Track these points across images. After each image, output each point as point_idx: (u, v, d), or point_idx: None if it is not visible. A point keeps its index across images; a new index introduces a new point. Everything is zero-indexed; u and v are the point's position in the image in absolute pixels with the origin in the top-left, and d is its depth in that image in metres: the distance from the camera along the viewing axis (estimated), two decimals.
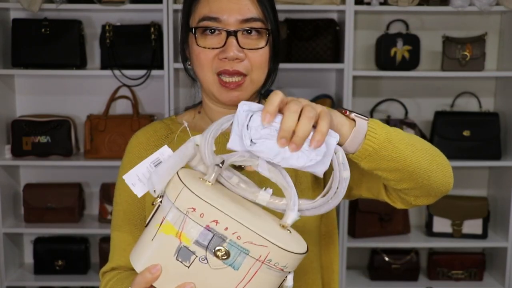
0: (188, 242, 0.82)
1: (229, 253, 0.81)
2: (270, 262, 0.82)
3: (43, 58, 2.75)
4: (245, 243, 0.81)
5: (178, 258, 0.83)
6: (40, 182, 2.99)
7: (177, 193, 0.83)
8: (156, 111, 2.95)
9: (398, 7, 2.73)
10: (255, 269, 0.82)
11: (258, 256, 0.81)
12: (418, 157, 0.98)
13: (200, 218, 0.81)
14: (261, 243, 0.81)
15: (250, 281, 0.82)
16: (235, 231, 0.81)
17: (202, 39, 1.10)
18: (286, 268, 0.84)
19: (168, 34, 2.71)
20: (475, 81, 3.01)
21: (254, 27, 1.09)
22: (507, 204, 2.87)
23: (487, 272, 3.04)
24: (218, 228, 0.81)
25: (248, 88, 1.12)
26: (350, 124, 0.92)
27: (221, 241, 0.81)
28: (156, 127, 1.22)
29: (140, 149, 1.20)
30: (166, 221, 0.84)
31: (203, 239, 0.81)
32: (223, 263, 0.81)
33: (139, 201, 1.18)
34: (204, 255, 0.82)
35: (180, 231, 0.82)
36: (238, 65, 1.09)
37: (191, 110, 1.26)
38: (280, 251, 0.81)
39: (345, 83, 2.75)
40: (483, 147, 2.84)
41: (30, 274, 2.95)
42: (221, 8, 1.08)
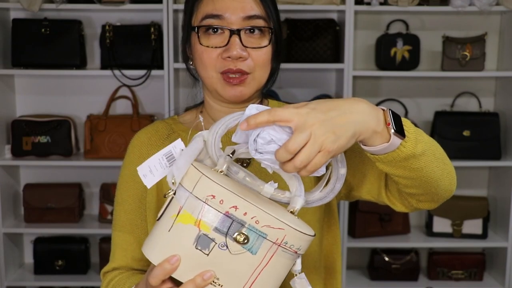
0: (208, 229, 0.83)
1: (248, 238, 0.83)
2: (286, 245, 0.84)
3: (43, 58, 2.75)
4: (263, 227, 0.83)
5: (198, 246, 0.84)
6: (40, 182, 2.99)
7: (195, 182, 0.84)
8: (156, 111, 2.95)
9: (398, 7, 2.73)
10: (272, 253, 0.84)
11: (275, 239, 0.83)
12: (434, 167, 0.99)
13: (220, 205, 0.83)
14: (279, 225, 0.83)
15: (267, 265, 0.84)
16: (254, 215, 0.83)
17: (205, 38, 1.10)
18: (299, 251, 0.86)
19: (168, 34, 2.71)
20: (475, 81, 3.01)
21: (257, 25, 1.10)
22: (507, 204, 2.87)
23: (487, 272, 3.04)
24: (238, 213, 0.83)
25: (251, 84, 1.12)
26: (382, 137, 0.89)
27: (240, 227, 0.83)
28: (158, 127, 1.22)
29: (141, 148, 1.20)
30: (183, 210, 0.85)
31: (222, 225, 0.83)
32: (242, 248, 0.83)
33: (140, 201, 1.18)
34: (224, 242, 0.83)
35: (199, 219, 0.83)
36: (241, 64, 1.09)
37: (193, 110, 1.26)
38: (296, 233, 0.84)
39: (345, 83, 2.75)
40: (483, 147, 2.84)
41: (30, 274, 2.95)
42: (224, 6, 1.09)
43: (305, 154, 0.80)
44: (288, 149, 0.80)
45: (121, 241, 1.19)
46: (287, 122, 0.81)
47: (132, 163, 1.19)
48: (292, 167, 0.81)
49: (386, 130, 0.89)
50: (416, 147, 0.93)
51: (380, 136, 0.89)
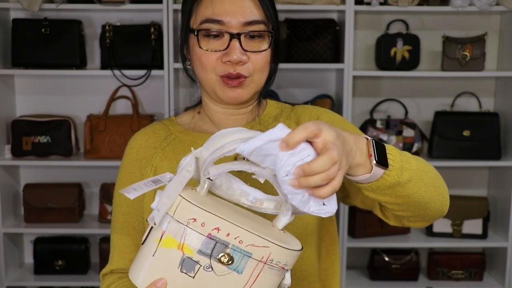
0: (191, 252, 0.83)
1: (233, 258, 0.82)
2: (272, 262, 0.83)
3: (43, 58, 2.75)
4: (247, 246, 0.82)
5: (183, 269, 0.83)
6: (40, 182, 2.99)
7: (175, 206, 0.84)
8: (156, 111, 2.95)
9: (398, 7, 2.73)
10: (258, 271, 0.83)
11: (261, 257, 0.83)
12: (422, 192, 1.00)
13: (202, 228, 0.82)
14: (263, 244, 0.82)
15: (254, 283, 0.84)
16: (237, 235, 0.82)
17: (205, 41, 1.10)
18: (286, 266, 0.85)
19: (168, 34, 2.71)
20: (475, 81, 3.01)
21: (257, 30, 1.09)
22: (507, 204, 2.87)
23: (487, 272, 3.04)
24: (220, 235, 0.82)
25: (250, 87, 1.12)
26: (365, 167, 0.91)
27: (224, 247, 0.82)
28: (155, 129, 1.22)
29: (138, 150, 1.19)
30: (166, 235, 0.84)
31: (205, 247, 0.82)
32: (227, 269, 0.82)
33: (137, 203, 1.18)
34: (209, 263, 0.82)
35: (182, 242, 0.83)
36: (241, 68, 1.09)
37: (190, 111, 1.25)
38: (281, 249, 0.83)
39: (345, 83, 2.75)
40: (483, 147, 2.84)
41: (30, 274, 2.95)
42: (224, 10, 1.08)
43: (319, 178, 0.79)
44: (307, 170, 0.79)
45: (119, 243, 1.19)
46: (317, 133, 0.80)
47: (129, 165, 1.19)
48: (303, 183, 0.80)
49: (368, 161, 0.91)
50: (402, 175, 0.95)
51: (362, 167, 0.91)
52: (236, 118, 1.19)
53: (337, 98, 2.91)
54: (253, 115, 1.20)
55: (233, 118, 1.19)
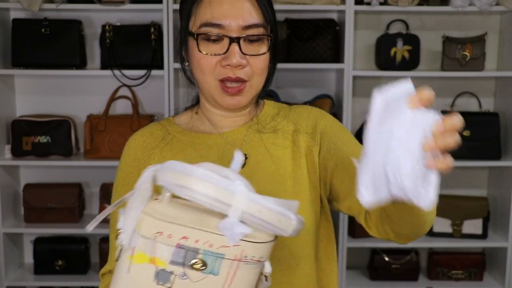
0: (164, 264, 0.83)
1: (206, 263, 0.82)
2: (246, 258, 0.83)
3: (43, 58, 2.75)
4: (218, 248, 0.82)
5: (159, 282, 0.83)
6: (40, 182, 2.99)
7: (140, 222, 0.84)
8: (156, 111, 2.95)
9: (398, 7, 2.73)
10: (234, 269, 0.83)
11: (234, 256, 0.83)
12: (426, 217, 1.03)
13: (169, 239, 0.82)
14: (234, 243, 0.82)
15: (232, 281, 0.84)
16: (206, 240, 0.82)
17: (204, 45, 1.09)
18: (262, 259, 0.86)
19: (168, 34, 2.71)
20: (475, 81, 3.01)
21: (256, 33, 1.09)
22: (507, 204, 2.87)
23: (487, 272, 3.04)
24: (189, 243, 0.82)
25: (249, 93, 1.12)
26: None
27: (195, 254, 0.82)
28: (153, 129, 1.22)
29: (136, 151, 1.19)
30: (136, 251, 0.84)
31: (177, 257, 0.82)
32: (202, 274, 0.82)
33: None
34: (183, 272, 0.82)
35: (153, 256, 0.83)
36: (240, 71, 1.09)
37: (188, 111, 1.25)
38: (253, 245, 0.83)
39: (345, 83, 2.75)
40: (483, 147, 2.84)
41: (30, 274, 2.95)
42: (223, 14, 1.07)
43: None
44: None
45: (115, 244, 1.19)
46: None
47: (127, 165, 1.19)
48: None
49: None
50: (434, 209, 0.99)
51: None
52: (233, 120, 1.19)
53: (337, 98, 2.91)
54: (251, 116, 1.21)
55: (231, 120, 1.19)
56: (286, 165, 1.16)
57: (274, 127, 1.19)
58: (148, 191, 0.86)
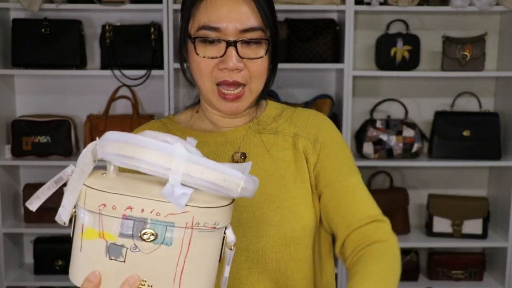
0: (113, 238, 0.80)
1: (156, 233, 0.79)
2: (199, 225, 0.80)
3: (43, 58, 2.75)
4: (166, 216, 0.79)
5: (111, 256, 0.81)
6: (40, 182, 2.99)
7: (83, 196, 0.82)
8: (156, 111, 2.95)
9: (398, 7, 2.73)
10: (188, 237, 0.80)
11: (185, 223, 0.79)
12: None
13: (114, 211, 0.80)
14: (182, 209, 0.78)
15: (188, 250, 0.80)
16: (152, 209, 0.79)
17: (201, 48, 1.10)
18: (218, 225, 0.81)
19: (168, 34, 2.71)
20: (475, 81, 3.01)
21: (254, 37, 1.09)
22: (507, 204, 2.87)
23: (487, 272, 3.04)
24: (135, 213, 0.79)
25: (248, 98, 1.13)
26: None
27: (143, 224, 0.79)
28: (154, 126, 1.22)
29: None
30: (85, 227, 0.83)
31: (125, 229, 0.80)
32: (154, 244, 0.79)
33: None
34: (134, 244, 0.80)
35: (101, 230, 0.81)
36: (237, 75, 1.09)
37: (189, 109, 1.26)
38: (203, 210, 0.79)
39: (345, 83, 2.75)
40: (483, 147, 2.84)
41: (30, 274, 2.95)
42: (220, 17, 1.07)
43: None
44: None
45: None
46: None
47: None
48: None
49: None
50: None
51: None
52: (233, 120, 1.19)
53: (337, 98, 2.91)
54: (251, 116, 1.21)
55: (231, 120, 1.19)
56: (287, 166, 1.16)
57: (275, 129, 1.19)
58: (88, 166, 0.83)
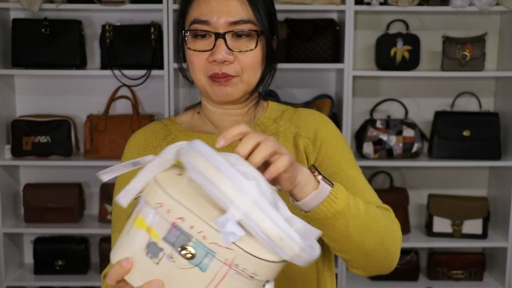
0: (157, 238, 0.79)
1: (194, 253, 0.77)
2: (238, 267, 0.77)
3: (43, 58, 2.75)
4: (210, 244, 0.76)
5: (148, 253, 0.80)
6: (40, 182, 2.99)
7: (149, 187, 0.82)
8: (156, 111, 2.95)
9: (398, 7, 2.73)
10: (223, 273, 0.77)
11: (225, 259, 0.76)
12: (365, 237, 0.99)
13: (167, 214, 0.78)
14: (227, 245, 0.76)
15: (218, 285, 0.78)
16: (201, 230, 0.77)
17: (193, 42, 1.11)
18: (257, 276, 0.78)
19: (168, 34, 2.71)
20: (475, 81, 3.01)
21: (243, 29, 1.09)
22: (507, 204, 2.87)
23: (487, 272, 3.04)
24: (184, 226, 0.77)
25: (239, 86, 1.13)
26: (314, 185, 0.93)
27: (186, 240, 0.77)
28: (155, 128, 1.22)
29: (138, 150, 1.20)
30: (140, 214, 0.82)
31: (170, 236, 0.78)
32: (188, 263, 0.78)
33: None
34: (171, 253, 0.78)
35: (150, 226, 0.80)
36: (227, 67, 1.09)
37: (189, 111, 1.26)
38: (247, 256, 0.76)
39: (345, 83, 2.75)
40: (483, 147, 2.84)
41: (30, 274, 2.95)
42: (210, 10, 1.09)
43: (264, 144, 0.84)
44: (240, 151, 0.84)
45: None
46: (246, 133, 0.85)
47: None
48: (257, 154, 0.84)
49: (313, 178, 0.93)
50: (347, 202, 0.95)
51: (309, 184, 0.92)
52: (233, 119, 1.19)
53: (337, 98, 2.91)
54: (250, 117, 1.21)
55: (230, 119, 1.19)
56: None
57: (276, 130, 1.19)
58: (167, 163, 0.83)
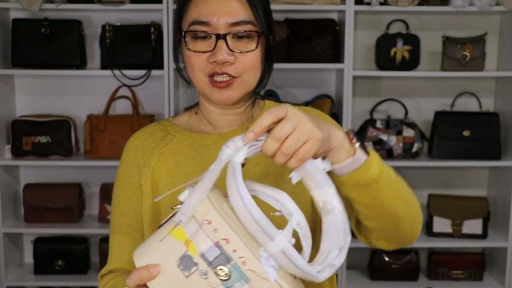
0: (194, 252, 0.81)
1: (230, 275, 0.79)
2: None
3: (43, 58, 2.75)
4: (248, 270, 0.79)
5: (180, 265, 0.81)
6: (40, 182, 2.99)
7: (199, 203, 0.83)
8: (156, 111, 2.95)
9: (398, 7, 2.73)
10: None
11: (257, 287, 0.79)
12: (396, 204, 0.99)
13: (213, 233, 0.80)
14: (264, 275, 0.79)
15: None
16: (242, 255, 0.79)
17: (193, 43, 1.11)
18: None
19: (168, 34, 2.71)
20: (475, 81, 3.01)
21: (244, 30, 1.09)
22: (507, 204, 2.87)
23: (487, 272, 3.04)
24: (227, 248, 0.80)
25: (240, 88, 1.12)
26: (349, 151, 0.92)
27: (225, 261, 0.80)
28: (153, 129, 1.23)
29: (136, 151, 1.20)
30: (179, 225, 0.83)
31: (209, 254, 0.80)
32: (221, 283, 0.80)
33: (135, 203, 1.18)
34: (206, 270, 0.80)
35: (190, 239, 0.81)
36: (228, 68, 1.09)
37: (187, 112, 1.27)
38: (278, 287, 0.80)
39: (345, 83, 2.75)
40: (483, 147, 2.84)
41: (30, 274, 2.95)
42: (210, 11, 1.08)
43: (292, 138, 0.81)
44: (274, 136, 0.81)
45: (117, 243, 1.19)
46: (282, 116, 0.83)
47: (127, 165, 1.20)
48: (281, 156, 0.82)
49: (350, 144, 0.92)
50: (381, 173, 0.95)
51: (345, 150, 0.92)
52: (231, 119, 1.20)
53: (337, 98, 2.91)
54: (247, 116, 1.21)
55: (228, 119, 1.20)
56: None
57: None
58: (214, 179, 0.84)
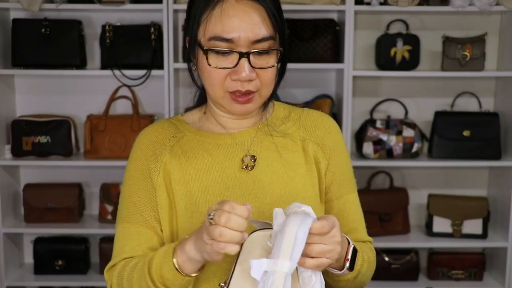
0: None
1: None
2: None
3: (43, 58, 2.75)
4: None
5: None
6: (40, 182, 2.99)
7: None
8: (156, 111, 2.95)
9: (398, 7, 2.73)
10: None
11: None
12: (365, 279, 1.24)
13: None
14: None
15: None
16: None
17: (213, 58, 1.10)
18: None
19: (168, 34, 2.71)
20: (475, 81, 3.01)
21: (265, 48, 1.10)
22: (507, 204, 2.87)
23: (487, 272, 3.04)
24: None
25: (258, 101, 1.15)
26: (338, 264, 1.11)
27: None
28: (164, 126, 1.24)
29: (148, 145, 1.21)
30: None
31: None
32: None
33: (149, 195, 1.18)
34: None
35: None
36: (249, 84, 1.11)
37: (196, 110, 1.27)
38: None
39: (345, 83, 2.75)
40: (483, 147, 2.84)
41: (30, 274, 2.95)
42: (233, 28, 1.08)
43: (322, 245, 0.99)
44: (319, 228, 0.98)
45: (132, 232, 1.17)
46: None
47: (139, 158, 1.21)
48: None
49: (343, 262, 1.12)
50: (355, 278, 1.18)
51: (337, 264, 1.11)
52: (242, 121, 1.21)
53: (337, 98, 2.91)
54: (259, 117, 1.23)
55: (239, 121, 1.21)
56: (297, 168, 1.18)
57: (284, 131, 1.22)
58: None
